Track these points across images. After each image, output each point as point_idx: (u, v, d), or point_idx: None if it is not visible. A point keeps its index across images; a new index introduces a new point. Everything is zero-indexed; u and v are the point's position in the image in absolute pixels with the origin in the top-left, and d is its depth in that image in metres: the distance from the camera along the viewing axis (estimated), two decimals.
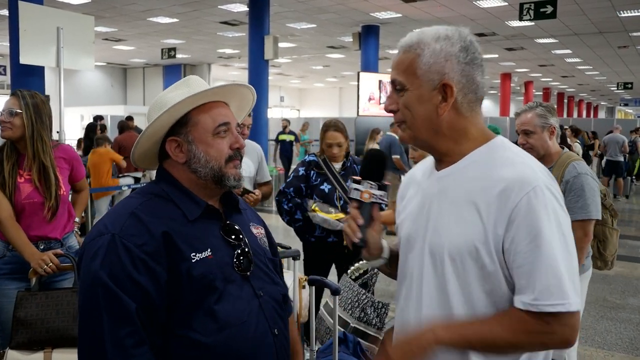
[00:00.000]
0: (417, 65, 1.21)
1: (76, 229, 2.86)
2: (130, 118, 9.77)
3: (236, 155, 1.37)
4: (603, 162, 12.66)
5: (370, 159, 1.35)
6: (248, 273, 1.34)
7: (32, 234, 2.54)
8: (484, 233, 1.14)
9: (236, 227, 1.39)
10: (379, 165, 1.33)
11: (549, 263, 1.09)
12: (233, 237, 1.36)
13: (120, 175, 8.22)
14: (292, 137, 14.55)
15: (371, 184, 1.29)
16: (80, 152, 10.66)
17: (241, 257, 1.34)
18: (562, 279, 1.09)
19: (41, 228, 2.58)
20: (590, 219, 2.51)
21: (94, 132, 8.48)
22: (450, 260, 1.18)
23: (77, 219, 2.86)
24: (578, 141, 10.85)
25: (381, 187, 1.30)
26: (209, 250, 1.29)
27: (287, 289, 1.52)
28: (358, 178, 1.31)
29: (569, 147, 9.10)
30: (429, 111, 1.22)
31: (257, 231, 1.48)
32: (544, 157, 2.67)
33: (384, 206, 1.29)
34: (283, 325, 1.40)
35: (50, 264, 2.39)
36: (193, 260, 1.25)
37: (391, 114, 1.28)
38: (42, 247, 2.56)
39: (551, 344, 1.15)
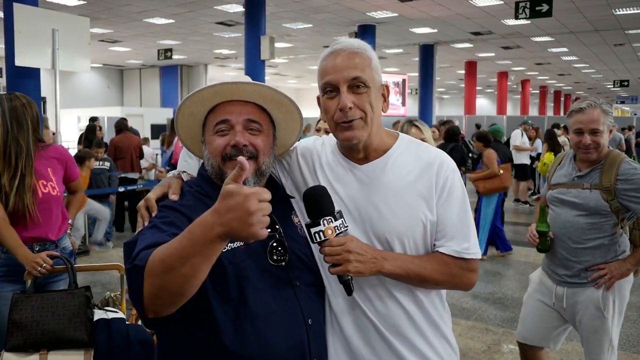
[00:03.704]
0: (372, 66, 1.37)
1: (69, 231, 2.83)
2: (124, 120, 9.72)
3: (232, 154, 1.33)
4: None
5: (312, 198, 1.29)
6: (283, 263, 1.34)
7: (26, 235, 2.52)
8: (427, 205, 1.36)
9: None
10: (324, 199, 1.28)
11: (469, 221, 1.40)
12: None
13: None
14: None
15: (327, 219, 1.26)
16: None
17: (275, 246, 1.34)
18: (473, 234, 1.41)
19: (34, 229, 2.56)
20: None
21: (93, 134, 8.45)
22: (399, 241, 1.36)
23: (70, 221, 2.83)
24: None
25: (336, 217, 1.27)
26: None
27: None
28: (310, 221, 1.27)
29: (558, 146, 9.10)
30: (379, 109, 1.39)
31: (298, 220, 1.47)
32: (599, 158, 2.38)
33: (343, 229, 1.29)
34: (322, 314, 1.39)
35: (45, 264, 2.38)
36: (224, 250, 1.21)
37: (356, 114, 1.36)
38: (37, 249, 2.55)
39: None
